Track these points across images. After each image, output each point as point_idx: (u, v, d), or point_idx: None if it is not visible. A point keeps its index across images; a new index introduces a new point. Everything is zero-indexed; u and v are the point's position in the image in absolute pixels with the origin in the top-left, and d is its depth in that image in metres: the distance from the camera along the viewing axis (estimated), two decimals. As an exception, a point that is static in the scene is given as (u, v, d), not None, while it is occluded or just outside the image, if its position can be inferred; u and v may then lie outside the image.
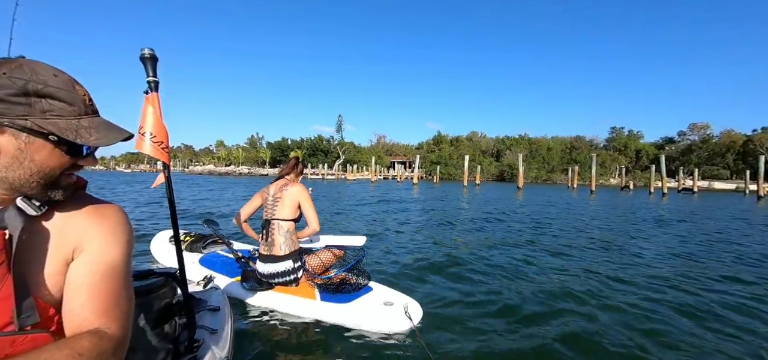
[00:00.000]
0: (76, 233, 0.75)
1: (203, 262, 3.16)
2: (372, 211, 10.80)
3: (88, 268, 0.73)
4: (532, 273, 4.13)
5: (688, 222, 9.94)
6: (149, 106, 1.52)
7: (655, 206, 16.12)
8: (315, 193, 18.16)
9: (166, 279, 1.56)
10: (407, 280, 3.66)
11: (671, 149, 63.29)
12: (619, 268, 4.43)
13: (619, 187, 46.06)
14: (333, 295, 2.56)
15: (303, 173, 2.93)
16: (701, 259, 5.19)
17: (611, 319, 2.85)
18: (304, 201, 2.61)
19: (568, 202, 16.78)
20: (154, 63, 1.53)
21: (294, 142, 76.22)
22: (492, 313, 2.90)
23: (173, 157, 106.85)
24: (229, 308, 2.00)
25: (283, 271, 2.58)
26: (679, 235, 7.48)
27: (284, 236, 2.57)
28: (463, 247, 5.55)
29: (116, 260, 0.77)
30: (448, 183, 47.21)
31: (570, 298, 3.28)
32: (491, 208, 12.28)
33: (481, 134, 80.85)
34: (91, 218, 0.77)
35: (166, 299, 1.55)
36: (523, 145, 71.24)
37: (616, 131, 69.65)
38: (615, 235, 7.14)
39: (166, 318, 1.54)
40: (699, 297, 3.44)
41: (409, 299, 2.61)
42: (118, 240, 0.78)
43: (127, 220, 0.83)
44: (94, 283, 0.72)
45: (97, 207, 0.80)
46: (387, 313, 2.40)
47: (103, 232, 0.77)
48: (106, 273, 0.74)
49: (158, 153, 1.54)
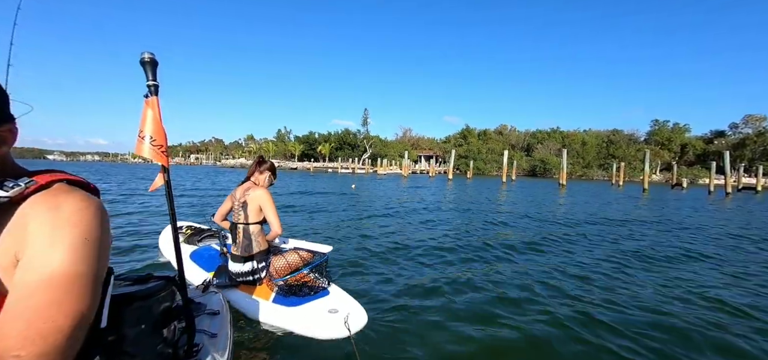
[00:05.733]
0: (24, 231, 0.65)
1: (193, 255, 3.28)
2: (454, 216, 9.29)
3: (22, 274, 0.63)
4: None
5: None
6: (149, 110, 1.52)
7: (739, 208, 14.40)
8: (358, 187, 17.77)
9: (166, 283, 1.55)
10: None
11: (721, 143, 58.54)
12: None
13: (666, 184, 43.01)
14: (286, 298, 2.61)
15: (273, 180, 2.87)
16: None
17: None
18: (265, 205, 2.65)
19: (634, 203, 15.25)
20: (154, 67, 1.52)
21: (321, 135, 77.34)
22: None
23: (204, 150, 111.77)
24: (228, 312, 2.00)
25: (247, 271, 2.69)
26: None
27: (249, 238, 2.67)
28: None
29: (56, 265, 0.63)
30: (480, 178, 46.03)
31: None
32: (569, 211, 11.00)
33: (511, 127, 78.57)
34: (40, 211, 0.67)
35: (166, 303, 1.55)
36: (556, 139, 68.63)
37: (659, 124, 65.27)
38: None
39: (165, 322, 1.54)
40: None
41: (358, 307, 2.59)
42: (65, 239, 0.65)
43: (91, 214, 0.70)
44: (22, 295, 0.61)
45: (54, 197, 0.69)
46: (328, 320, 2.42)
47: (48, 229, 0.65)
48: (46, 281, 0.62)
49: (157, 156, 1.53)
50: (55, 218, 0.66)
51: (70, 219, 0.67)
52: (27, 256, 0.64)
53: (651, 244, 6.16)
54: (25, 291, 0.61)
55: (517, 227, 7.64)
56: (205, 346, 1.65)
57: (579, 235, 6.79)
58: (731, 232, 7.72)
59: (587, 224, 8.30)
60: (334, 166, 59.95)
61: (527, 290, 3.55)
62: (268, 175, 2.82)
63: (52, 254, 0.64)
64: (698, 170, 54.40)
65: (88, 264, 0.67)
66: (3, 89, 0.73)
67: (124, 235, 5.32)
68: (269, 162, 2.86)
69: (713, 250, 5.77)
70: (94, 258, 0.68)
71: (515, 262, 4.69)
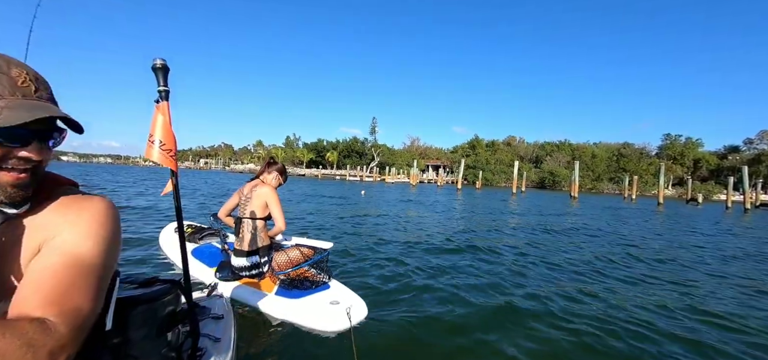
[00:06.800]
0: (49, 228, 0.70)
1: (195, 252, 3.34)
2: (472, 225, 9.28)
3: (49, 254, 0.67)
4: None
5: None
6: (159, 115, 1.54)
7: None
8: (368, 194, 17.93)
9: (171, 287, 1.56)
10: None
11: (736, 159, 57.35)
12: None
13: (679, 199, 42.03)
14: (288, 291, 2.68)
15: (281, 181, 2.94)
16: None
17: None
18: (271, 201, 2.72)
19: (657, 219, 14.68)
20: (166, 73, 1.55)
21: (329, 143, 77.76)
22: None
23: (214, 155, 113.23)
24: (232, 316, 2.00)
25: (250, 265, 2.75)
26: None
27: (252, 233, 2.73)
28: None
29: (85, 254, 0.69)
30: (488, 189, 45.66)
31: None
32: (585, 223, 10.68)
33: (519, 139, 78.14)
34: (66, 212, 0.72)
35: (170, 307, 1.55)
36: (566, 151, 68.02)
37: (671, 138, 64.22)
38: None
39: (170, 326, 1.54)
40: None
41: (358, 300, 2.68)
42: (92, 234, 0.71)
43: (112, 216, 0.77)
44: (52, 269, 0.65)
45: (78, 200, 0.75)
46: (329, 311, 2.50)
47: (76, 225, 0.71)
48: (70, 263, 0.67)
49: (167, 161, 1.55)
50: (81, 217, 0.72)
51: (93, 217, 0.73)
52: (52, 243, 0.69)
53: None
54: (51, 269, 0.65)
55: (540, 240, 7.56)
56: (209, 351, 1.65)
57: (625, 256, 6.06)
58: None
59: (619, 243, 7.67)
60: (343, 174, 60.16)
61: (535, 299, 3.49)
62: (275, 174, 2.89)
63: (85, 243, 0.70)
64: (712, 186, 53.29)
65: (106, 257, 0.73)
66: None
67: (125, 233, 5.34)
68: (280, 163, 2.94)
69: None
70: (111, 252, 0.75)
71: (527, 269, 4.63)
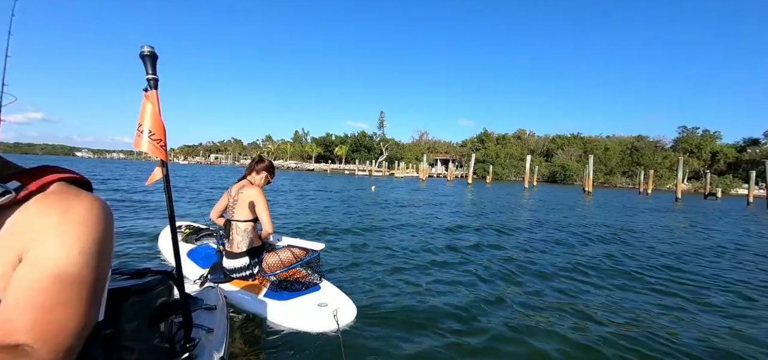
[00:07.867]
0: (31, 230, 0.64)
1: (191, 253, 3.35)
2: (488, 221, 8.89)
3: (28, 269, 0.62)
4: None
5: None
6: (148, 104, 1.52)
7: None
8: (377, 190, 17.82)
9: (163, 278, 1.55)
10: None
11: (755, 152, 55.62)
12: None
13: (696, 193, 40.72)
14: (277, 293, 2.67)
15: (269, 180, 2.90)
16: None
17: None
18: (258, 203, 2.70)
19: (679, 214, 13.98)
20: (154, 61, 1.53)
21: (338, 137, 77.94)
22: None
23: (224, 150, 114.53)
24: (225, 307, 2.00)
25: (240, 266, 2.75)
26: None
27: (241, 235, 2.72)
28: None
29: (67, 265, 0.63)
30: (499, 183, 45.07)
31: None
32: (607, 222, 10.05)
33: (529, 132, 77.05)
34: (50, 212, 0.66)
35: (163, 298, 1.54)
36: (577, 145, 66.85)
37: (687, 131, 62.44)
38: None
39: (162, 317, 1.53)
40: None
41: (347, 301, 2.66)
42: (76, 240, 0.65)
43: (101, 217, 0.70)
44: (31, 289, 0.61)
45: (64, 199, 0.68)
46: (317, 313, 2.49)
47: (59, 229, 0.64)
48: (51, 279, 0.62)
49: (156, 150, 1.53)
50: (65, 220, 0.66)
51: (80, 221, 0.67)
52: (34, 254, 0.63)
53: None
54: (33, 287, 0.61)
55: (552, 238, 7.42)
56: (202, 341, 1.64)
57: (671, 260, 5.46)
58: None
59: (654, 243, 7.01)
60: (351, 169, 60.31)
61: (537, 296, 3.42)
62: (264, 175, 2.86)
63: (63, 255, 0.64)
64: (730, 180, 51.81)
65: (97, 267, 0.68)
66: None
67: (123, 232, 5.39)
68: (267, 161, 2.90)
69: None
70: (102, 260, 0.69)
71: (546, 270, 4.55)
